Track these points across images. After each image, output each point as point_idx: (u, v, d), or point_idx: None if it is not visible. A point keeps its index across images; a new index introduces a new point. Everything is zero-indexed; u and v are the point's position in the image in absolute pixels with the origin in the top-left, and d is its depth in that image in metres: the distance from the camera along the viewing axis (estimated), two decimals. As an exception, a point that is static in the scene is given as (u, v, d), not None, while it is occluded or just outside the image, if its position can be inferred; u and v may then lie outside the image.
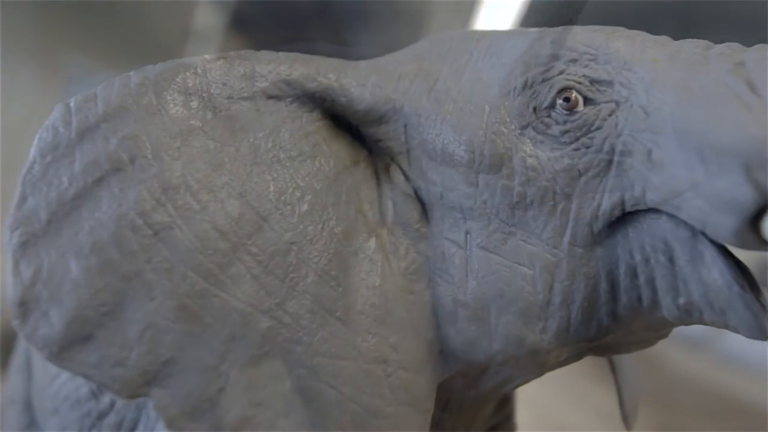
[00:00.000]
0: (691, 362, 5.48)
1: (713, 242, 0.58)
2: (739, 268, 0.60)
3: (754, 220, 0.52)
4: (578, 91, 0.64)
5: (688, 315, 0.62)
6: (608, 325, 0.65)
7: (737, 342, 5.56)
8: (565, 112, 0.64)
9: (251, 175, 0.67)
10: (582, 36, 0.67)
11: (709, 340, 6.06)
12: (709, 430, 3.41)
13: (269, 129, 0.71)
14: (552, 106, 0.65)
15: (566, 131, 0.64)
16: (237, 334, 0.62)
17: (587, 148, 0.63)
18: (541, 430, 3.09)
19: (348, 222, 0.71)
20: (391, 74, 0.76)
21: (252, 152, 0.69)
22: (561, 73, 0.66)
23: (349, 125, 0.77)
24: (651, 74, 0.61)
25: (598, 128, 0.63)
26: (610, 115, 0.63)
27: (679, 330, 0.69)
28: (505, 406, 0.93)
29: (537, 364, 0.69)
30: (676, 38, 0.67)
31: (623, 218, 0.63)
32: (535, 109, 0.66)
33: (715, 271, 0.58)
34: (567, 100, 0.64)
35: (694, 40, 0.65)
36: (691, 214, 0.56)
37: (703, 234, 0.57)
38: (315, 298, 0.65)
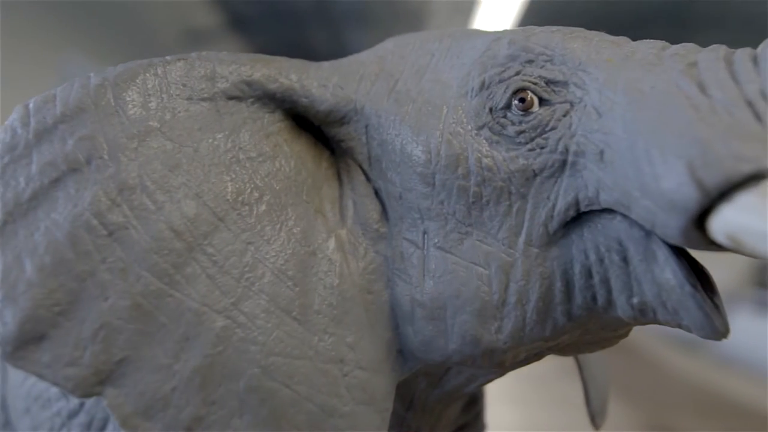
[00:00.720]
0: (687, 363, 5.48)
1: (666, 242, 0.58)
2: (694, 268, 0.61)
3: (701, 220, 0.52)
4: (533, 92, 0.65)
5: (642, 315, 0.63)
6: (563, 325, 0.65)
7: (733, 343, 5.56)
8: (521, 112, 0.65)
9: (209, 175, 0.67)
10: (539, 37, 0.67)
11: (704, 341, 6.06)
12: (704, 430, 3.40)
13: (229, 130, 0.71)
14: (508, 106, 0.65)
15: (521, 132, 0.65)
16: (191, 333, 0.63)
17: (542, 148, 0.64)
18: (530, 429, 3.09)
19: (307, 222, 0.71)
20: (353, 75, 0.77)
21: (210, 153, 0.69)
22: (517, 74, 0.66)
23: (312, 126, 0.77)
24: (604, 75, 0.61)
25: (553, 129, 0.63)
26: (564, 115, 0.63)
27: (675, 331, 0.69)
28: (473, 406, 0.93)
29: (494, 363, 0.69)
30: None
31: (578, 218, 0.63)
32: (491, 109, 0.66)
33: (668, 271, 0.58)
34: (522, 100, 0.65)
35: (652, 40, 0.65)
36: (640, 215, 0.57)
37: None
38: (271, 298, 0.66)
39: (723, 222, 0.50)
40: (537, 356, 0.73)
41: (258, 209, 0.69)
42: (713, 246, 0.54)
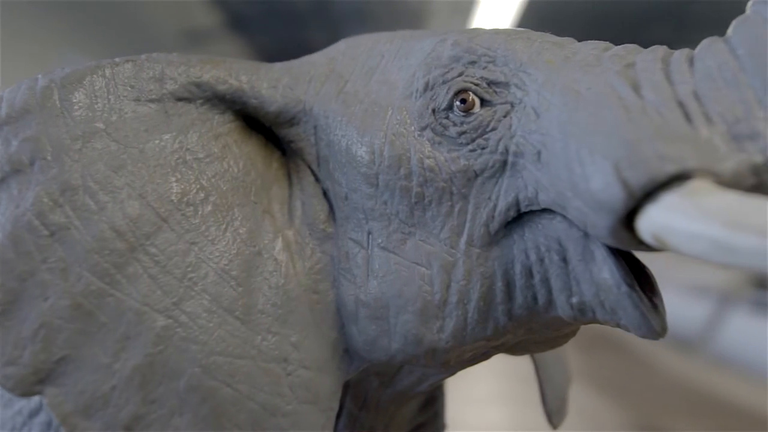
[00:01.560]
0: (682, 363, 5.46)
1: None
2: (636, 267, 0.61)
3: (631, 220, 0.52)
4: (475, 93, 0.65)
5: (582, 314, 0.63)
6: (505, 324, 0.66)
7: (731, 344, 5.53)
8: (462, 113, 0.65)
9: (154, 176, 0.68)
10: (483, 38, 0.68)
11: (699, 342, 6.03)
12: (695, 430, 3.40)
13: (177, 131, 0.71)
14: (450, 107, 0.66)
15: (463, 132, 0.65)
16: (131, 333, 0.63)
17: (483, 149, 0.64)
18: (519, 429, 3.09)
19: (254, 222, 0.72)
20: (303, 76, 0.77)
21: (156, 154, 0.69)
22: (460, 75, 0.66)
23: (264, 127, 0.78)
24: (544, 76, 0.62)
25: (493, 129, 0.64)
26: (505, 116, 0.64)
27: (672, 331, 0.68)
28: (431, 405, 0.93)
29: (437, 362, 0.69)
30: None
31: (520, 218, 0.64)
32: (434, 110, 0.67)
33: (605, 271, 0.59)
34: (463, 101, 0.65)
35: (596, 41, 0.66)
36: (574, 215, 0.57)
37: None
38: (214, 298, 0.66)
39: (649, 222, 0.50)
40: (484, 356, 0.73)
41: (203, 210, 0.69)
42: (643, 246, 0.54)
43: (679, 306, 6.51)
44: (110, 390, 0.62)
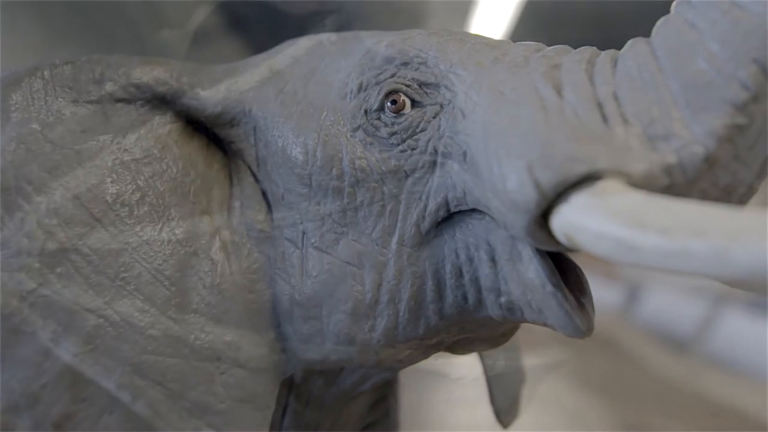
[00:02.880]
0: (674, 364, 5.42)
1: None
2: (567, 267, 0.61)
3: (547, 220, 0.52)
4: (406, 94, 0.65)
5: (511, 313, 0.63)
6: (436, 324, 0.66)
7: (726, 344, 5.49)
8: (393, 114, 0.65)
9: (89, 177, 0.68)
10: (415, 40, 0.68)
11: (693, 342, 5.98)
12: (684, 430, 3.38)
13: (115, 132, 0.72)
14: (381, 108, 0.66)
15: (393, 133, 0.65)
16: (61, 332, 0.64)
17: (413, 149, 0.64)
18: (510, 429, 3.07)
19: (191, 223, 0.72)
20: (245, 77, 0.78)
21: (93, 155, 0.70)
22: (392, 76, 0.67)
23: (206, 128, 0.78)
24: (472, 77, 0.62)
25: (423, 130, 0.64)
26: (434, 117, 0.64)
27: (662, 331, 0.68)
28: (382, 404, 0.93)
29: (371, 362, 0.69)
30: None
31: (451, 218, 0.64)
32: (366, 111, 0.67)
33: (531, 270, 0.59)
34: (394, 102, 0.65)
35: (530, 42, 0.66)
36: (495, 215, 0.58)
37: None
38: (146, 297, 0.67)
39: (561, 221, 0.51)
40: (423, 355, 0.73)
41: (138, 210, 0.69)
42: (559, 245, 0.54)
43: (674, 305, 6.46)
44: (40, 388, 0.63)
